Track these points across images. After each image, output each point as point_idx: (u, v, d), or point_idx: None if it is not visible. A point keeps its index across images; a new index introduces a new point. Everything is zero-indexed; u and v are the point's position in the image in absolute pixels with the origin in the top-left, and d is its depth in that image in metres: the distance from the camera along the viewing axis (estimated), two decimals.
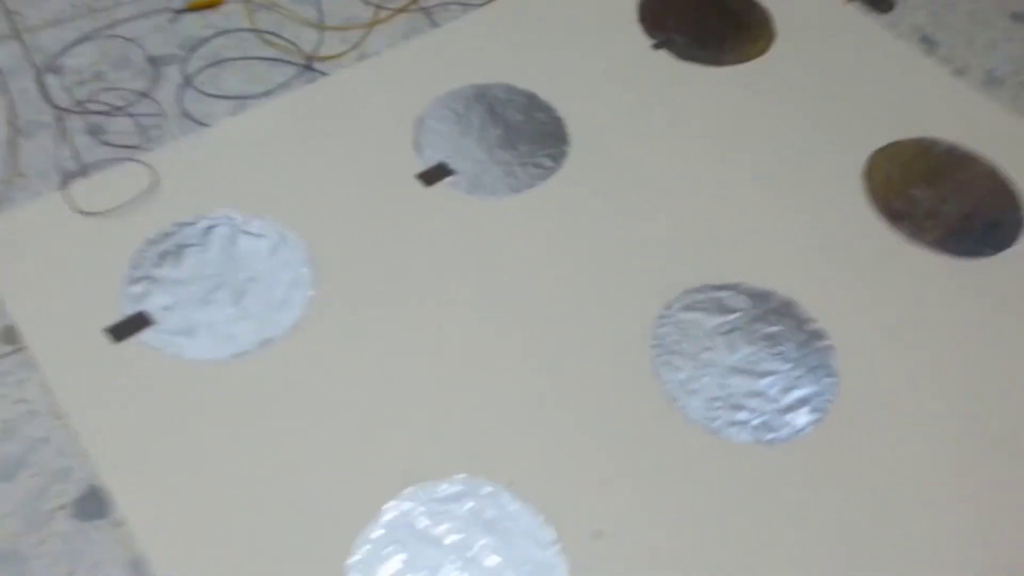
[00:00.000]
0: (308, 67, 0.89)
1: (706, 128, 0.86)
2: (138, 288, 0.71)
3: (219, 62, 0.89)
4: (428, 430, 0.65)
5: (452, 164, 0.82)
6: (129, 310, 0.70)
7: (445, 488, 0.61)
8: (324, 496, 0.61)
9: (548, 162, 0.82)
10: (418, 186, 0.80)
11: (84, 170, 0.79)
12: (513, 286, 0.73)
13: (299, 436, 0.64)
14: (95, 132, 0.82)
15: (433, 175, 0.81)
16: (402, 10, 0.96)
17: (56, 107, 0.84)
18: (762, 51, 0.94)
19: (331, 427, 0.65)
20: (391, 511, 0.60)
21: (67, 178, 0.78)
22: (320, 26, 0.93)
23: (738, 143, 0.85)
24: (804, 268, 0.76)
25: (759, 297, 0.73)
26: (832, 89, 0.90)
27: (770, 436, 0.65)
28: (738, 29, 0.96)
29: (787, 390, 0.67)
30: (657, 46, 0.93)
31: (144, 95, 0.86)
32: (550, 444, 0.64)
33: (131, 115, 0.84)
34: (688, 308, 0.72)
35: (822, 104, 0.89)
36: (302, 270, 0.73)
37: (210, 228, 0.75)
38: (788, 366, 0.69)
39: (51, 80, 0.86)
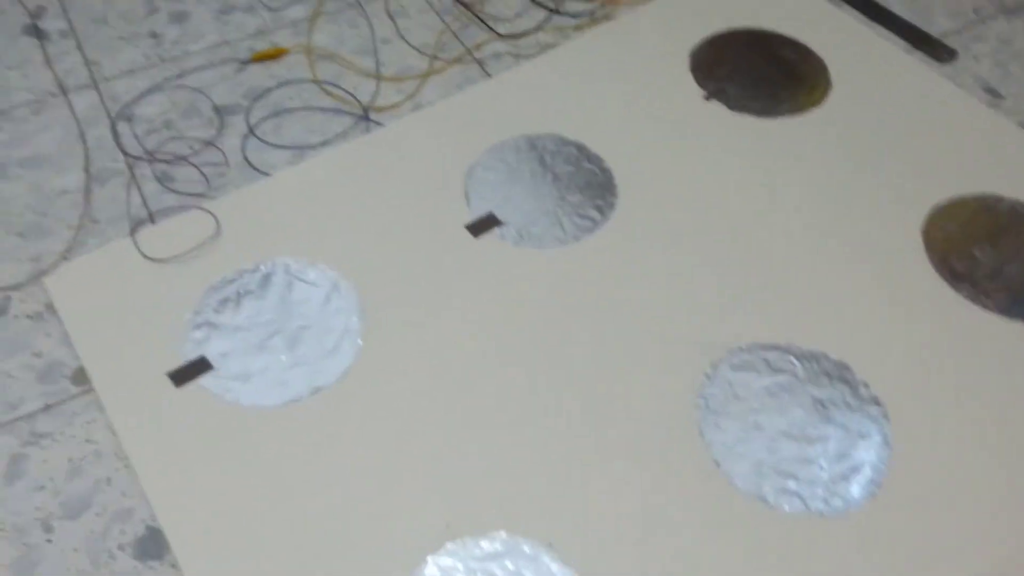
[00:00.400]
0: (365, 117, 0.92)
1: (758, 182, 0.85)
2: (199, 334, 0.73)
3: (281, 112, 0.93)
4: (470, 484, 0.65)
5: (501, 215, 0.83)
6: (190, 355, 0.72)
7: (485, 546, 0.61)
8: (368, 545, 0.62)
9: (596, 214, 0.83)
10: (467, 236, 0.81)
11: (152, 217, 0.83)
12: (560, 340, 0.74)
13: (345, 484, 0.65)
14: (163, 180, 0.86)
15: (482, 226, 0.82)
16: (456, 61, 0.98)
17: (128, 155, 0.88)
18: (817, 102, 0.93)
19: (376, 476, 0.66)
20: (430, 567, 0.61)
21: (136, 225, 0.82)
22: (377, 76, 0.96)
23: (791, 197, 0.84)
24: (858, 329, 0.74)
25: (810, 359, 0.72)
26: (890, 141, 0.89)
27: (820, 506, 0.63)
28: (792, 79, 0.95)
29: (839, 458, 0.66)
30: (709, 97, 0.93)
31: (209, 144, 0.89)
32: (592, 504, 0.64)
33: (196, 164, 0.87)
34: (736, 368, 0.71)
35: (880, 157, 0.87)
36: (353, 319, 0.75)
37: (268, 276, 0.77)
38: (840, 432, 0.67)
39: (123, 128, 0.91)
